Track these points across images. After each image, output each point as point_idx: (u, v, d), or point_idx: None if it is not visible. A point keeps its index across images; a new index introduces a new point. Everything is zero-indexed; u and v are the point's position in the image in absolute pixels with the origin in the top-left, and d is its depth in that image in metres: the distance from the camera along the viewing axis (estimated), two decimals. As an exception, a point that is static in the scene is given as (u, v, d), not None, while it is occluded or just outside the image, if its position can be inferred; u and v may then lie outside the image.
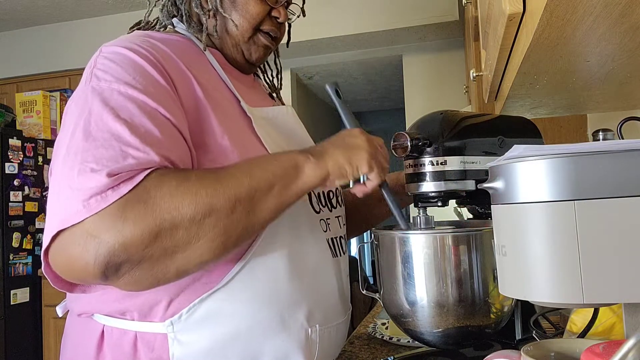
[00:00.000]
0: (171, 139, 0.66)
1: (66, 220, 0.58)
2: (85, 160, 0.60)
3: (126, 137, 0.62)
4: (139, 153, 0.61)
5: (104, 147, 0.61)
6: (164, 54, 0.74)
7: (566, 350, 0.52)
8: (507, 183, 0.49)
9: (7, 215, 2.92)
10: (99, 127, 0.63)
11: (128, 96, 0.65)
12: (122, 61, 0.69)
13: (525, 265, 0.47)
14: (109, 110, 0.64)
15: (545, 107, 1.08)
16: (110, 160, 0.60)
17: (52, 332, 3.06)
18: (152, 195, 0.60)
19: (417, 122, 0.88)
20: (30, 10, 3.35)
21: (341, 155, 0.72)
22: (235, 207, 0.63)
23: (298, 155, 0.70)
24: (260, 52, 0.86)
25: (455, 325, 0.76)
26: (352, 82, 4.21)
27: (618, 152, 0.43)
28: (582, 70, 0.73)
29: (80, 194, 0.58)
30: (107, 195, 0.58)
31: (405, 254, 0.77)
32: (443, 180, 0.82)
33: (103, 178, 0.58)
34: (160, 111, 0.66)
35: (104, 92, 0.66)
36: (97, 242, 0.57)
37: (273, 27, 0.85)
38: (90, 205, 0.58)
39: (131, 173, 0.60)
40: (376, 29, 3.00)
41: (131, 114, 0.64)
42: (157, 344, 0.71)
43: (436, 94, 3.26)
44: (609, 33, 0.54)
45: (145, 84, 0.67)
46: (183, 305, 0.71)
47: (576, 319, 0.76)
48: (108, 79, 0.67)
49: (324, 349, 0.81)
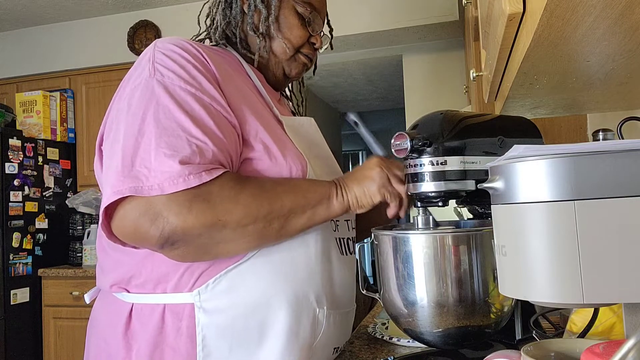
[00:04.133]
0: (225, 131, 0.77)
1: (139, 190, 0.70)
2: (159, 145, 0.72)
3: (190, 129, 0.74)
4: (201, 144, 0.73)
5: (174, 135, 0.73)
6: (212, 56, 0.84)
7: (566, 350, 0.52)
8: (507, 183, 0.49)
9: (7, 215, 2.92)
10: (167, 117, 0.74)
11: (188, 92, 0.77)
12: (178, 59, 0.80)
13: (525, 265, 0.47)
14: (175, 103, 0.75)
15: (545, 107, 1.08)
16: (180, 149, 0.72)
17: (52, 332, 3.06)
18: (215, 196, 0.73)
19: (417, 122, 0.88)
20: (30, 10, 3.35)
21: (357, 189, 0.84)
22: (273, 221, 0.77)
23: (330, 190, 0.83)
24: (299, 69, 1.00)
25: (455, 325, 0.76)
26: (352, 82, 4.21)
27: (618, 152, 0.43)
28: (582, 70, 0.73)
29: (155, 174, 0.70)
30: (177, 183, 0.70)
31: (405, 254, 0.77)
32: (443, 180, 0.82)
33: (176, 165, 0.70)
34: (214, 105, 0.78)
35: (168, 87, 0.77)
36: (164, 220, 0.70)
37: (310, 51, 1.00)
38: (163, 185, 0.70)
39: (199, 167, 0.72)
40: (376, 29, 3.00)
41: (192, 108, 0.76)
42: (186, 313, 0.80)
43: (436, 94, 3.26)
44: (609, 33, 0.54)
45: (200, 82, 0.79)
46: (210, 276, 0.80)
47: (576, 319, 0.76)
48: (170, 76, 0.78)
49: (329, 331, 0.88)
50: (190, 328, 0.79)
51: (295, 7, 0.95)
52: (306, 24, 0.96)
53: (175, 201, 0.70)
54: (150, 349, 0.79)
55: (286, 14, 0.94)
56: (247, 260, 0.81)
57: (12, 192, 2.96)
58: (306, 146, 0.94)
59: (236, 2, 0.96)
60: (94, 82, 3.44)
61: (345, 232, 0.96)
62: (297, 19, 0.95)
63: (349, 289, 0.95)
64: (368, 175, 0.85)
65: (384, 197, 0.84)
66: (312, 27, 0.97)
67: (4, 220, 2.91)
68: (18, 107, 3.31)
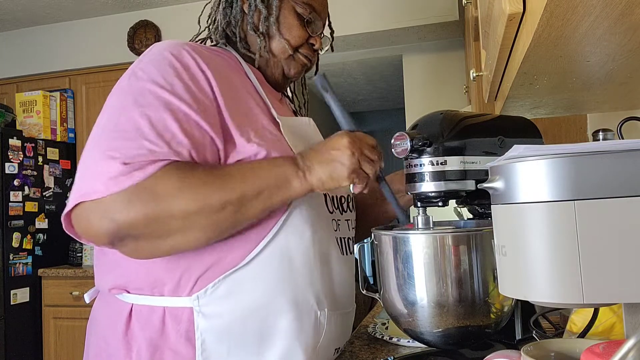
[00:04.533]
0: (190, 135, 0.76)
1: (88, 194, 0.71)
2: (109, 148, 0.73)
3: (145, 131, 0.74)
4: (152, 146, 0.73)
5: (126, 138, 0.73)
6: (209, 59, 0.84)
7: (566, 350, 0.52)
8: (507, 183, 0.49)
9: (7, 215, 2.92)
10: (126, 121, 0.75)
11: (156, 95, 0.77)
12: (161, 65, 0.80)
13: (525, 265, 0.47)
14: (137, 107, 0.76)
15: (545, 107, 1.08)
16: (129, 151, 0.72)
17: (52, 332, 3.06)
18: (157, 185, 0.71)
19: (417, 122, 0.88)
20: (30, 10, 3.35)
21: (323, 171, 0.78)
22: (225, 207, 0.74)
23: (289, 169, 0.78)
24: (297, 68, 0.99)
25: (455, 325, 0.76)
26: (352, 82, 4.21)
27: (618, 152, 0.43)
28: (582, 70, 0.73)
29: (101, 176, 0.71)
30: (122, 180, 0.70)
31: (405, 254, 0.77)
32: (443, 180, 0.82)
33: (119, 166, 0.70)
34: (182, 108, 0.77)
35: (137, 91, 0.78)
36: (109, 218, 0.70)
37: (309, 52, 0.99)
38: (109, 185, 0.70)
39: (143, 163, 0.71)
40: (376, 29, 3.00)
41: (155, 111, 0.75)
42: (185, 317, 0.79)
43: (436, 94, 3.26)
44: (609, 33, 0.54)
45: (175, 85, 0.78)
46: (209, 280, 0.79)
47: (576, 319, 0.76)
48: (144, 78, 0.79)
49: (331, 332, 0.87)
50: (189, 332, 0.79)
51: (295, 7, 0.95)
52: (305, 25, 0.96)
53: (119, 198, 0.70)
54: (151, 350, 0.79)
55: (286, 14, 0.95)
56: (246, 264, 0.80)
57: (12, 192, 2.95)
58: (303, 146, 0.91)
59: (237, 2, 0.97)
60: (94, 82, 3.44)
61: (346, 231, 0.95)
62: (297, 19, 0.96)
63: (349, 289, 0.94)
64: (337, 157, 0.79)
65: (353, 181, 0.79)
66: (311, 28, 0.97)
67: (4, 220, 2.91)
68: (18, 107, 3.31)
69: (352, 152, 0.78)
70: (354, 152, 0.78)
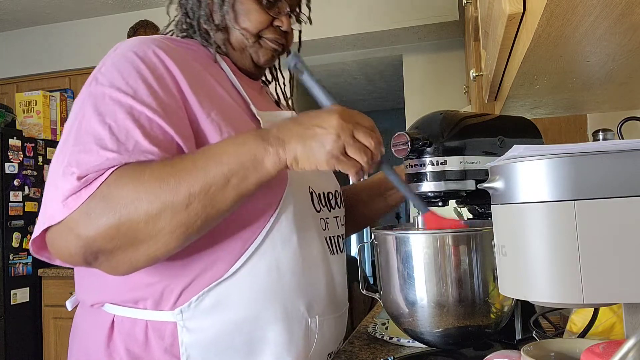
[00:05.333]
0: (155, 141, 0.70)
1: (52, 217, 0.66)
2: (69, 163, 0.67)
3: (105, 141, 0.68)
4: (113, 155, 0.67)
5: (85, 151, 0.67)
6: (179, 57, 0.78)
7: (566, 350, 0.52)
8: (507, 183, 0.49)
9: (7, 215, 2.92)
10: (86, 132, 0.69)
11: (117, 101, 0.71)
12: (123, 66, 0.74)
13: (525, 265, 0.47)
14: (98, 115, 0.70)
15: (545, 107, 1.08)
16: (87, 164, 0.66)
17: (52, 332, 3.06)
18: (111, 192, 0.65)
19: (417, 122, 0.88)
20: (30, 10, 3.35)
21: (300, 148, 0.68)
22: (190, 203, 0.66)
23: (257, 146, 0.68)
24: (267, 55, 0.90)
25: (455, 325, 0.76)
26: (352, 82, 4.21)
27: (618, 152, 0.43)
28: (582, 70, 0.73)
29: (60, 194, 0.66)
30: (81, 195, 0.65)
31: (405, 254, 0.77)
32: (443, 180, 0.82)
33: (75, 181, 0.65)
34: (146, 113, 0.70)
35: (97, 97, 0.72)
36: (75, 235, 0.65)
37: (277, 35, 0.89)
38: (69, 204, 0.65)
39: (100, 172, 0.66)
40: (376, 29, 3.00)
41: (116, 118, 0.69)
42: (168, 332, 0.75)
43: (436, 94, 3.26)
44: (609, 33, 0.54)
45: (138, 89, 0.72)
46: (192, 294, 0.75)
47: (576, 319, 0.76)
48: (104, 83, 0.72)
49: (323, 338, 0.84)
50: (174, 347, 0.75)
51: None
52: (266, 7, 0.86)
53: (79, 214, 0.65)
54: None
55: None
56: (231, 276, 0.76)
57: (12, 192, 2.95)
58: None
59: None
60: (94, 82, 3.44)
61: (335, 229, 0.91)
62: (255, 2, 0.86)
63: (341, 290, 0.91)
64: (320, 136, 0.68)
65: (333, 167, 0.69)
66: (274, 10, 0.87)
67: (4, 220, 2.91)
68: (18, 107, 3.31)
69: (338, 134, 0.67)
70: (340, 134, 0.68)
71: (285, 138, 0.69)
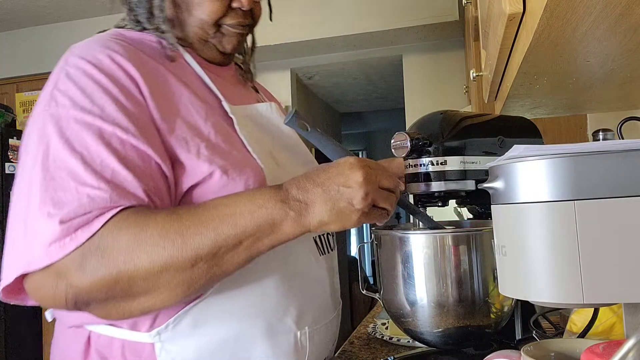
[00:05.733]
0: (132, 166, 0.64)
1: (30, 264, 0.60)
2: (44, 201, 0.61)
3: (81, 174, 0.62)
4: (94, 191, 0.61)
5: (62, 188, 0.61)
6: (136, 59, 0.71)
7: (566, 350, 0.52)
8: (507, 183, 0.49)
9: (7, 215, 2.92)
10: (56, 164, 0.62)
11: (84, 123, 0.64)
12: (82, 81, 0.67)
13: (525, 265, 0.47)
14: (65, 143, 0.63)
15: (545, 107, 1.08)
16: (66, 204, 0.60)
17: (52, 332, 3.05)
18: (109, 245, 0.60)
19: (417, 122, 0.88)
20: (30, 10, 3.35)
21: (326, 212, 0.64)
22: (195, 263, 0.62)
23: (276, 210, 0.63)
24: (233, 42, 0.82)
25: (455, 325, 0.76)
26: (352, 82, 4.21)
27: (618, 152, 0.43)
28: (582, 70, 0.73)
29: (40, 239, 0.60)
30: (65, 244, 0.59)
31: (405, 254, 0.77)
32: (443, 180, 0.82)
33: (57, 226, 0.59)
34: (118, 134, 0.64)
35: (60, 121, 0.64)
36: (66, 284, 0.60)
37: (239, 18, 0.79)
38: (51, 253, 0.59)
39: (88, 217, 0.60)
40: (376, 29, 3.00)
41: (87, 144, 0.63)
42: (145, 353, 0.70)
43: (436, 94, 3.26)
44: (609, 33, 0.54)
45: (104, 106, 0.65)
46: (169, 316, 0.70)
47: (576, 319, 0.76)
48: (66, 104, 0.65)
49: (315, 349, 0.80)
50: None
51: None
52: None
53: (69, 262, 0.59)
54: None
55: None
56: (211, 294, 0.70)
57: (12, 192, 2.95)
58: (267, 138, 0.81)
59: None
60: (94, 82, 3.44)
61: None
62: None
63: (333, 291, 0.86)
64: (347, 197, 0.63)
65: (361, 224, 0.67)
66: None
67: (4, 220, 2.91)
68: (18, 107, 3.32)
69: (366, 191, 0.63)
70: (368, 191, 0.64)
71: (308, 201, 0.64)
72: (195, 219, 0.63)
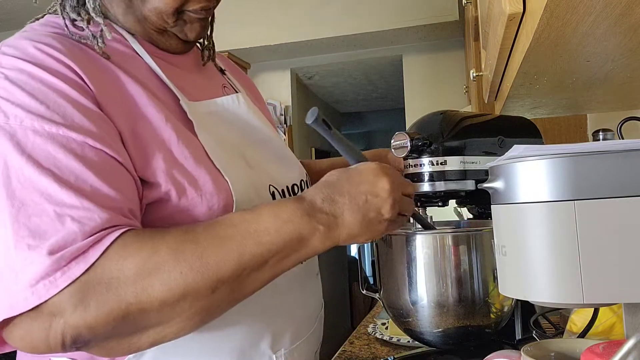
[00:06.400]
0: (112, 180, 0.56)
1: (14, 307, 0.51)
2: (18, 233, 0.51)
3: (57, 194, 0.52)
4: (78, 212, 0.52)
5: (36, 213, 0.52)
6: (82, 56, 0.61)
7: (566, 350, 0.52)
8: (507, 183, 0.49)
9: None
10: (23, 186, 0.52)
11: (46, 135, 0.54)
12: (29, 84, 0.56)
13: (525, 265, 0.47)
14: (28, 160, 0.53)
15: (545, 107, 1.08)
16: (48, 232, 0.51)
17: None
18: (114, 275, 0.52)
19: (417, 122, 0.88)
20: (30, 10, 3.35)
21: (356, 224, 0.60)
22: (217, 288, 0.54)
23: (304, 225, 0.58)
24: (196, 29, 0.71)
25: (455, 325, 0.76)
26: (352, 82, 4.21)
27: (618, 152, 0.43)
28: (582, 70, 0.73)
29: (24, 277, 0.50)
30: (56, 279, 0.50)
31: (406, 254, 0.77)
32: (443, 180, 0.82)
33: (44, 259, 0.50)
34: (89, 143, 0.55)
35: (16, 134, 0.54)
36: (63, 323, 0.51)
37: (202, 2, 0.68)
38: (39, 291, 0.50)
39: (80, 247, 0.51)
40: (376, 29, 3.00)
41: (55, 159, 0.54)
42: None
43: (436, 94, 3.26)
44: (609, 33, 0.54)
45: (64, 111, 0.56)
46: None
47: (576, 319, 0.76)
48: (18, 115, 0.55)
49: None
50: None
51: None
52: None
53: (64, 300, 0.50)
54: None
55: None
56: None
57: None
58: (236, 135, 0.74)
59: None
60: (94, 82, 3.43)
61: None
62: None
63: (313, 298, 0.79)
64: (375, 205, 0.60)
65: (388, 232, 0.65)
66: None
67: (4, 220, 2.91)
68: (18, 107, 3.31)
69: (395, 200, 0.61)
70: (395, 199, 0.61)
71: (336, 214, 0.59)
72: (213, 238, 0.55)
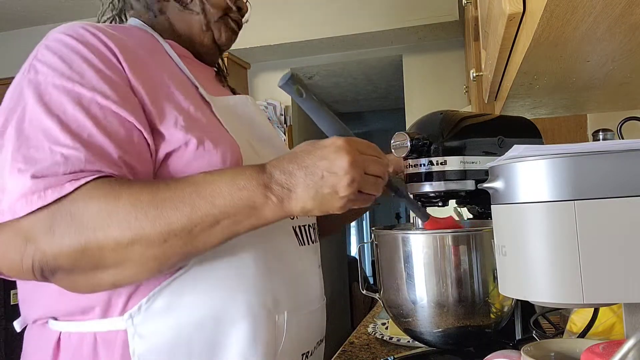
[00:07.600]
0: (110, 132, 0.64)
1: None
2: (15, 159, 0.59)
3: (56, 135, 0.61)
4: (68, 151, 0.60)
5: (35, 146, 0.60)
6: (119, 40, 0.71)
7: (566, 350, 0.52)
8: (507, 183, 0.49)
9: None
10: (32, 125, 0.62)
11: (63, 89, 0.64)
12: (62, 51, 0.67)
13: (525, 265, 0.47)
14: (42, 106, 0.63)
15: (545, 107, 1.08)
16: (38, 161, 0.59)
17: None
18: (79, 211, 0.58)
19: (417, 122, 0.88)
20: (30, 10, 3.35)
21: (309, 198, 0.62)
22: (168, 238, 0.60)
23: (257, 194, 0.61)
24: (228, 33, 0.87)
25: (455, 325, 0.76)
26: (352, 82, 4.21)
27: (618, 152, 0.43)
28: (582, 70, 0.73)
29: (7, 195, 0.58)
30: (31, 201, 0.57)
31: (405, 254, 0.77)
32: (443, 180, 0.82)
33: (27, 180, 0.58)
34: (97, 100, 0.64)
35: (39, 86, 0.64)
36: (33, 248, 0.58)
37: (238, 15, 0.88)
38: (15, 208, 0.58)
39: (60, 179, 0.58)
40: (376, 29, 3.00)
41: (64, 108, 0.63)
42: (118, 342, 0.67)
43: (436, 94, 3.26)
44: (609, 33, 0.54)
45: (84, 74, 0.65)
46: (142, 295, 0.68)
47: (576, 319, 0.76)
48: (45, 72, 0.65)
49: (293, 336, 0.77)
50: (124, 358, 0.67)
51: None
52: None
53: (37, 222, 0.58)
54: None
55: None
56: (185, 272, 0.68)
57: None
58: (245, 128, 0.82)
59: None
60: (94, 82, 3.44)
61: (305, 218, 0.83)
62: None
63: (313, 284, 0.83)
64: (332, 183, 0.61)
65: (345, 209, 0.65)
66: None
67: None
68: (18, 107, 3.32)
69: (352, 178, 0.62)
70: (353, 177, 0.62)
71: (290, 186, 0.62)
72: (172, 193, 0.61)
